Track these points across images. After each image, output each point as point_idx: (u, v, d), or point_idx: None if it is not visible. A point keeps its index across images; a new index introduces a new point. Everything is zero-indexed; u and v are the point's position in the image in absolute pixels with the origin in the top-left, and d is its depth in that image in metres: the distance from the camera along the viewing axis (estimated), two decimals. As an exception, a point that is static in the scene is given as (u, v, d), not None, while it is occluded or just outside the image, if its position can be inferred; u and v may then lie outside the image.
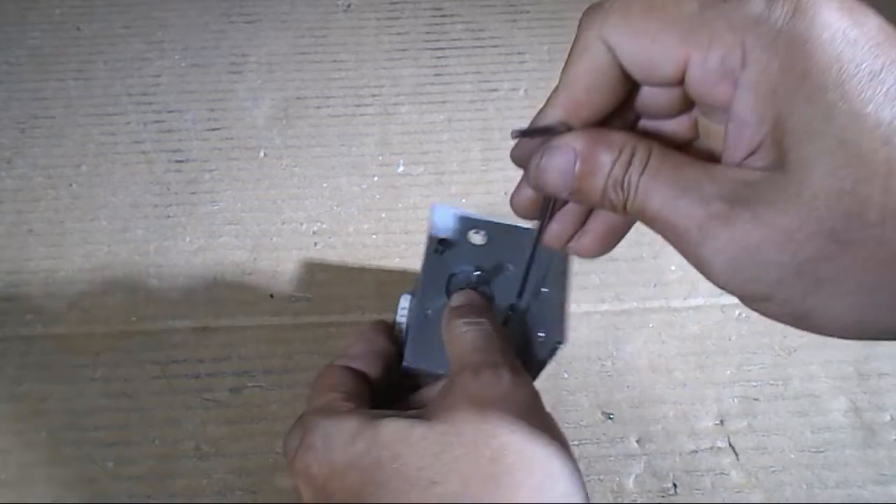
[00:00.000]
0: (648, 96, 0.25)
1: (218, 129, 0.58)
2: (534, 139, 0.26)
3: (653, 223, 0.23)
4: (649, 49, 0.22)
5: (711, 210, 0.21)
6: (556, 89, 0.25)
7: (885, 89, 0.18)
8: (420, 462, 0.26)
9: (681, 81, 0.23)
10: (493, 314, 0.34)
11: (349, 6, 0.67)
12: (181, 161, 0.56)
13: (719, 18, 0.21)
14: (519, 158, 0.27)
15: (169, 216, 0.53)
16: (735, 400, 0.44)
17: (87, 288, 0.49)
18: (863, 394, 0.44)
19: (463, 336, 0.31)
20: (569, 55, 0.25)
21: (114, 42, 0.64)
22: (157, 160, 0.56)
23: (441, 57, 0.63)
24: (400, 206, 0.53)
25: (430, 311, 0.35)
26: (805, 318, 0.21)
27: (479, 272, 0.35)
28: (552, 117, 0.25)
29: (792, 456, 0.42)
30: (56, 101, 0.60)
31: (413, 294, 0.37)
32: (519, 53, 0.63)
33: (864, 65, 0.19)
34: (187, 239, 0.52)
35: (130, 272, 0.50)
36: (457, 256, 0.36)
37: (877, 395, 0.44)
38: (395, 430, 0.28)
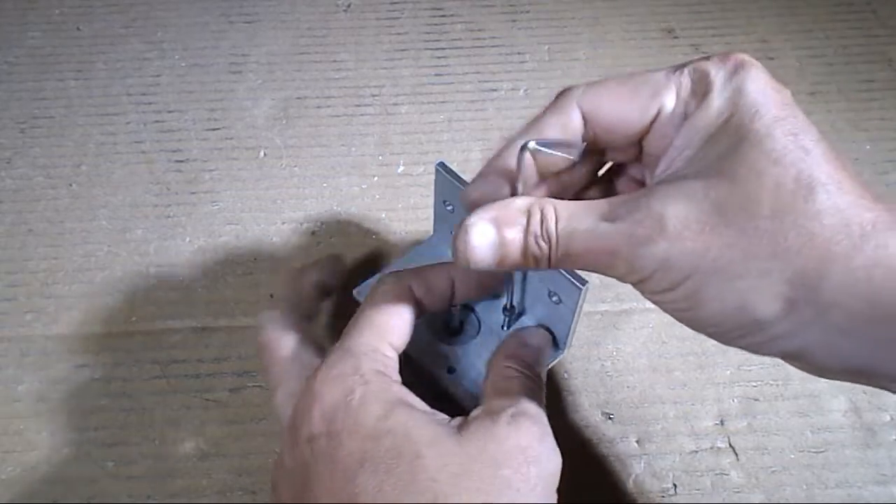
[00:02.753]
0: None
1: (218, 129, 0.58)
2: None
3: (580, 259, 0.27)
4: (627, 105, 0.28)
5: (637, 219, 0.26)
6: (522, 131, 0.30)
7: (784, 126, 0.26)
8: (437, 473, 0.27)
9: (644, 134, 0.29)
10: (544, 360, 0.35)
11: (349, 6, 0.67)
12: (181, 161, 0.56)
13: (684, 75, 0.28)
14: (473, 202, 0.30)
15: (169, 216, 0.53)
16: (735, 400, 0.44)
17: (87, 288, 0.49)
18: (863, 394, 0.44)
19: (506, 377, 0.33)
20: (542, 113, 0.30)
21: (114, 42, 0.64)
22: (157, 160, 0.56)
23: (441, 57, 0.63)
24: (400, 206, 0.53)
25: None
26: (696, 304, 0.26)
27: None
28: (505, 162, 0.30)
29: (792, 456, 0.42)
30: (56, 101, 0.60)
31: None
32: (519, 53, 0.63)
33: (773, 111, 0.26)
34: (187, 239, 0.52)
35: (130, 272, 0.50)
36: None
37: (877, 395, 0.44)
38: (428, 428, 0.28)
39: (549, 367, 0.37)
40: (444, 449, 0.28)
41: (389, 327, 0.32)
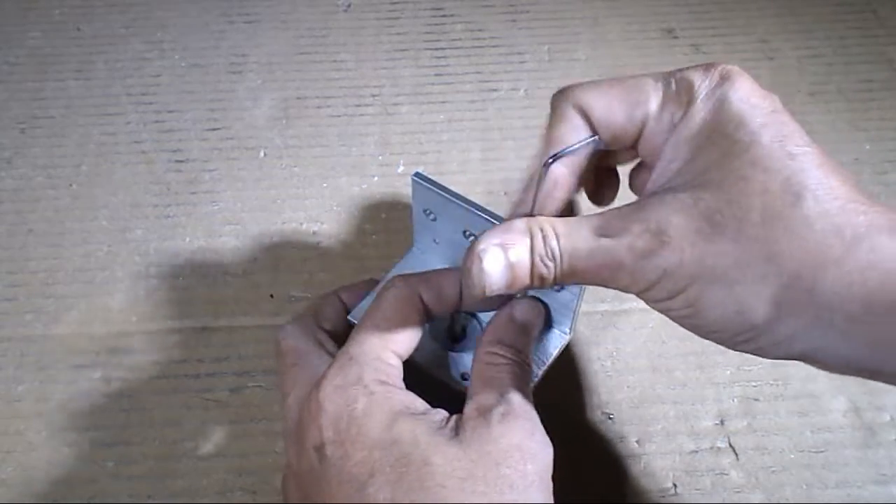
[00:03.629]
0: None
1: (218, 129, 0.58)
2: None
3: (584, 275, 0.28)
4: (616, 106, 0.28)
5: (636, 234, 0.26)
6: (543, 149, 0.30)
7: (769, 133, 0.26)
8: (444, 480, 0.27)
9: (640, 131, 0.29)
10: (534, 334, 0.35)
11: (349, 6, 0.67)
12: (181, 161, 0.56)
13: (670, 83, 0.28)
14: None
15: (169, 216, 0.53)
16: (735, 400, 0.44)
17: (87, 288, 0.49)
18: (863, 394, 0.44)
19: (500, 368, 0.33)
20: (548, 124, 0.30)
21: (114, 42, 0.64)
22: (157, 160, 0.56)
23: (441, 57, 0.63)
24: (400, 206, 0.53)
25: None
26: (699, 312, 0.26)
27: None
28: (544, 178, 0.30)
29: (792, 456, 0.42)
30: (56, 101, 0.60)
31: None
32: (519, 53, 0.63)
33: (758, 119, 0.26)
34: (187, 239, 0.52)
35: (130, 272, 0.50)
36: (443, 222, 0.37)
37: (877, 395, 0.44)
38: (433, 436, 0.29)
39: (556, 355, 0.37)
40: (449, 454, 0.28)
41: (394, 335, 0.32)
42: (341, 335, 0.36)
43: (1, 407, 0.44)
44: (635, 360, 0.46)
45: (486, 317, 0.39)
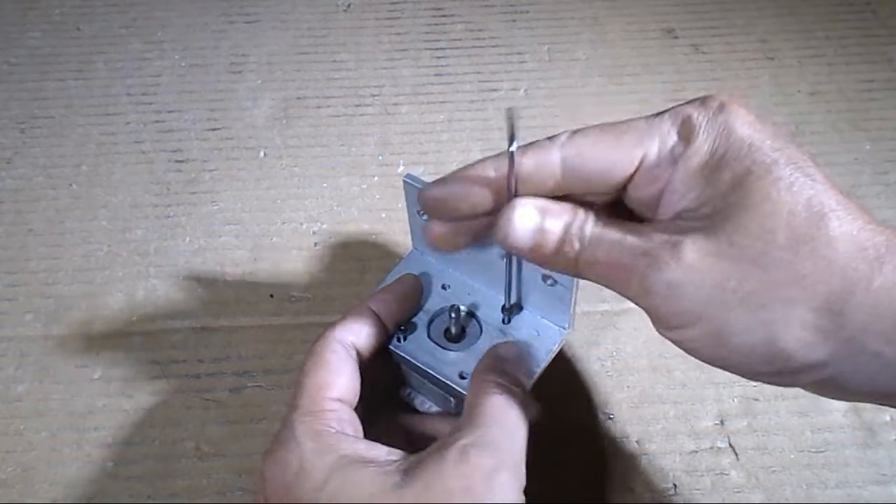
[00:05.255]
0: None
1: (218, 129, 0.58)
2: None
3: (600, 268, 0.28)
4: (611, 154, 0.28)
5: (655, 243, 0.26)
6: (493, 157, 0.30)
7: (785, 155, 0.26)
8: None
9: (627, 182, 0.28)
10: (526, 372, 0.34)
11: (349, 6, 0.67)
12: (181, 161, 0.56)
13: (665, 121, 0.28)
14: (436, 199, 0.30)
15: (169, 216, 0.53)
16: (735, 400, 0.44)
17: (87, 288, 0.49)
18: (863, 394, 0.45)
19: (486, 395, 0.31)
20: (523, 149, 0.29)
21: (114, 42, 0.64)
22: (157, 160, 0.56)
23: (441, 57, 0.63)
24: (400, 206, 0.53)
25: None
26: (721, 340, 0.25)
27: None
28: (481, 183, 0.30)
29: (792, 456, 0.42)
30: (56, 101, 0.60)
31: None
32: (519, 53, 0.63)
33: (768, 142, 0.26)
34: (187, 239, 0.52)
35: (130, 272, 0.50)
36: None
37: (877, 395, 0.44)
38: (374, 484, 0.28)
39: (556, 350, 0.37)
40: (391, 501, 0.27)
41: (328, 383, 0.32)
42: (374, 352, 0.36)
43: (1, 407, 0.44)
44: (635, 360, 0.46)
45: (485, 317, 0.39)
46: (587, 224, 0.28)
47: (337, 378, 0.32)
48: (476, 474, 0.27)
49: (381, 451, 0.30)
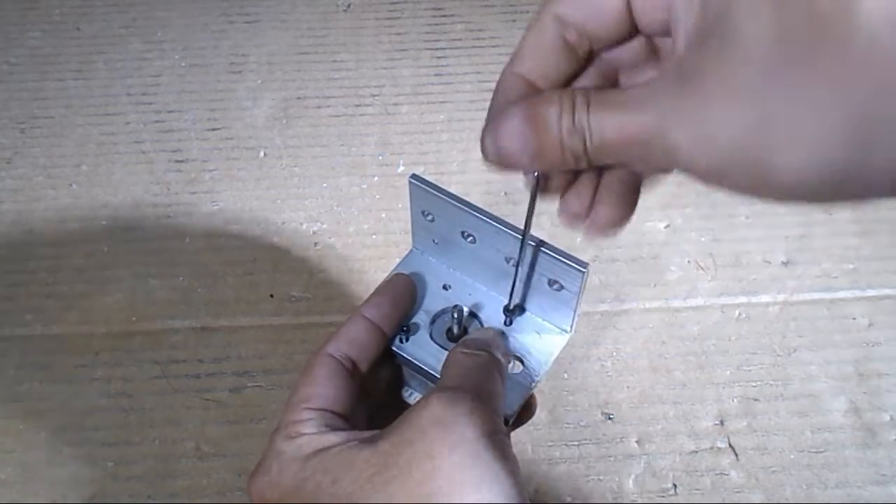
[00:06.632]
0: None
1: (218, 129, 0.58)
2: None
3: (616, 148, 0.24)
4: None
5: (664, 98, 0.23)
6: (510, 62, 0.28)
7: None
8: (352, 486, 0.27)
9: (627, 21, 0.25)
10: (503, 353, 0.34)
11: (349, 6, 0.67)
12: (181, 161, 0.56)
13: None
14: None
15: (169, 216, 0.53)
16: (735, 400, 0.44)
17: (87, 288, 0.49)
18: (863, 394, 0.44)
19: (455, 361, 0.32)
20: (523, 36, 0.28)
21: (114, 42, 0.64)
22: (157, 160, 0.56)
23: (441, 57, 0.63)
24: (400, 206, 0.53)
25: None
26: (764, 169, 0.22)
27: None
28: (512, 85, 0.27)
29: (792, 456, 0.42)
30: (56, 101, 0.60)
31: None
32: (519, 53, 0.63)
33: None
34: (187, 239, 0.52)
35: (130, 272, 0.50)
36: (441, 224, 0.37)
37: (877, 396, 0.44)
38: (341, 455, 0.28)
39: (558, 354, 0.37)
40: (358, 460, 0.28)
41: (309, 396, 0.32)
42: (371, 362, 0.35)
43: (1, 407, 0.44)
44: (635, 360, 0.46)
45: (487, 318, 0.39)
46: (580, 111, 0.25)
47: (320, 390, 0.33)
48: (439, 408, 0.28)
49: (352, 434, 0.30)
